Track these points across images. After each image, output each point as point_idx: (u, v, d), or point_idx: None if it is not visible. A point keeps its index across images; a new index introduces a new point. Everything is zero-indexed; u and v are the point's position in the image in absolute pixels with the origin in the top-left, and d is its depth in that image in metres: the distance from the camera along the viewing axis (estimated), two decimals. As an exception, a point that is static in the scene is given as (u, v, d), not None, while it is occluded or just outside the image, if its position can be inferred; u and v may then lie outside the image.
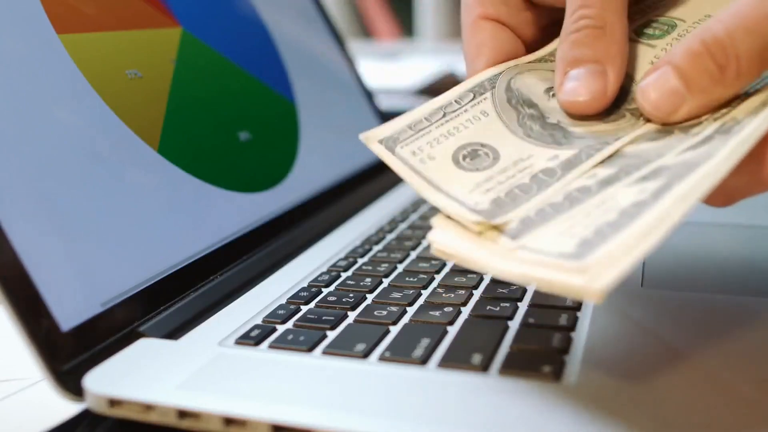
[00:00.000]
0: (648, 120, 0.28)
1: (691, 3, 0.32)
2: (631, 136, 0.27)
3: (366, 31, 1.95)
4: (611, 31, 0.29)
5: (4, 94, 0.31)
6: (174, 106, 0.39)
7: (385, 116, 0.62)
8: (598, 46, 0.29)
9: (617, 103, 0.29)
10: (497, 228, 0.25)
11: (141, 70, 0.38)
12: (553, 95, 0.30)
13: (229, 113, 0.43)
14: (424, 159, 0.28)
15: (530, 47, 0.33)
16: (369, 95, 0.61)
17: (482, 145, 0.28)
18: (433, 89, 1.24)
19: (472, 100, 0.30)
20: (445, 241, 0.25)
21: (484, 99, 0.30)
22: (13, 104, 0.31)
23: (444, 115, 0.30)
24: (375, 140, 0.29)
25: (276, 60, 0.51)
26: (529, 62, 0.32)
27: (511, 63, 0.32)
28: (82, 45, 0.35)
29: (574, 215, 0.24)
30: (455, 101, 0.30)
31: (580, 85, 0.28)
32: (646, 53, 0.31)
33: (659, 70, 0.26)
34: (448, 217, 0.26)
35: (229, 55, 0.46)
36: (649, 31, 0.32)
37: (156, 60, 0.40)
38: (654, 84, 0.27)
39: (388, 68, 1.37)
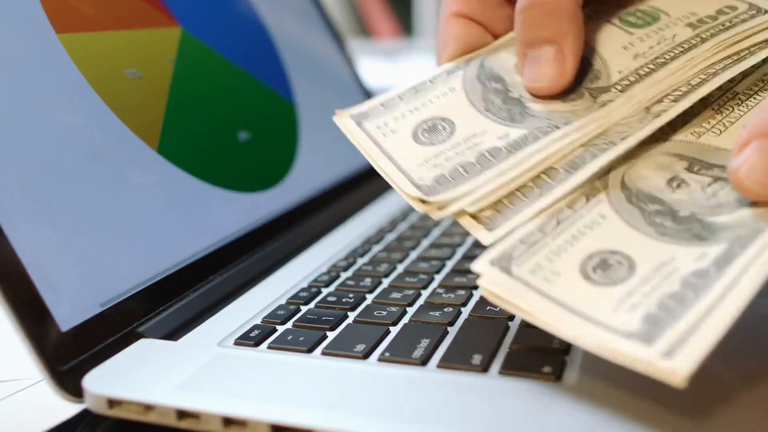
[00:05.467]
0: (602, 104, 0.28)
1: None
2: (579, 124, 0.28)
3: (365, 29, 1.95)
4: (560, 7, 0.29)
5: (3, 94, 0.31)
6: (173, 106, 0.39)
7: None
8: (550, 24, 0.29)
9: (579, 81, 0.29)
10: (431, 206, 0.26)
11: (140, 69, 0.38)
12: None
13: (228, 113, 0.43)
14: (387, 132, 0.29)
15: None
16: (369, 95, 0.61)
17: (442, 119, 0.29)
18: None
19: (445, 78, 0.31)
20: (496, 289, 0.24)
21: (455, 77, 0.31)
22: (12, 104, 0.31)
23: (416, 93, 0.30)
24: (347, 115, 0.29)
25: (275, 60, 0.51)
26: (508, 39, 0.33)
27: (490, 46, 0.33)
28: (82, 45, 0.35)
29: (630, 279, 0.23)
30: (429, 81, 0.31)
31: (540, 70, 0.29)
32: (621, 37, 0.31)
33: (750, 146, 0.24)
34: (491, 262, 0.25)
35: (229, 55, 0.46)
36: (631, 18, 0.32)
37: (155, 60, 0.40)
38: (753, 161, 0.24)
39: (387, 67, 1.37)
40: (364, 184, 0.53)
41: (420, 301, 0.33)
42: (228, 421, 0.25)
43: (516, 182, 0.26)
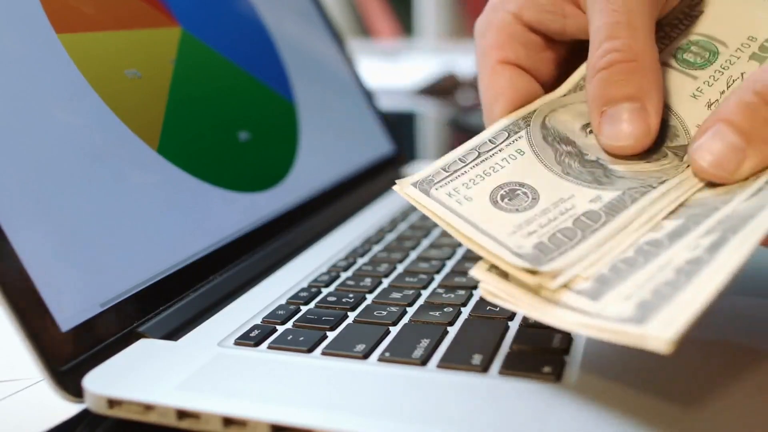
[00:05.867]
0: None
1: (727, 19, 0.31)
2: (676, 181, 0.27)
3: (365, 29, 1.95)
4: (643, 63, 0.27)
5: (3, 94, 0.31)
6: (173, 106, 0.39)
7: (385, 116, 0.62)
8: (632, 81, 0.27)
9: (657, 141, 0.28)
10: (544, 276, 0.24)
11: (140, 69, 0.38)
12: (590, 132, 0.29)
13: (228, 113, 0.43)
14: (461, 200, 0.27)
15: (550, 85, 0.32)
16: (369, 95, 0.61)
17: (520, 185, 0.27)
18: (433, 89, 1.24)
19: (507, 138, 0.29)
20: (502, 293, 0.24)
21: (519, 137, 0.29)
22: (12, 104, 0.31)
23: (479, 155, 0.29)
24: (408, 184, 0.28)
25: (275, 60, 0.51)
26: (561, 96, 0.31)
27: (543, 100, 0.31)
28: (82, 45, 0.35)
29: (643, 275, 0.23)
30: (489, 141, 0.29)
31: (620, 128, 0.27)
32: (686, 84, 0.30)
33: (711, 129, 0.25)
34: (490, 268, 0.25)
35: (229, 55, 0.46)
36: (689, 58, 0.30)
37: (155, 60, 0.40)
38: (709, 144, 0.25)
39: (387, 67, 1.37)
40: (364, 184, 0.53)
41: (420, 301, 0.33)
42: (228, 421, 0.25)
43: (624, 244, 0.25)
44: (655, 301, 0.22)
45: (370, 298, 0.34)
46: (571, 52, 0.33)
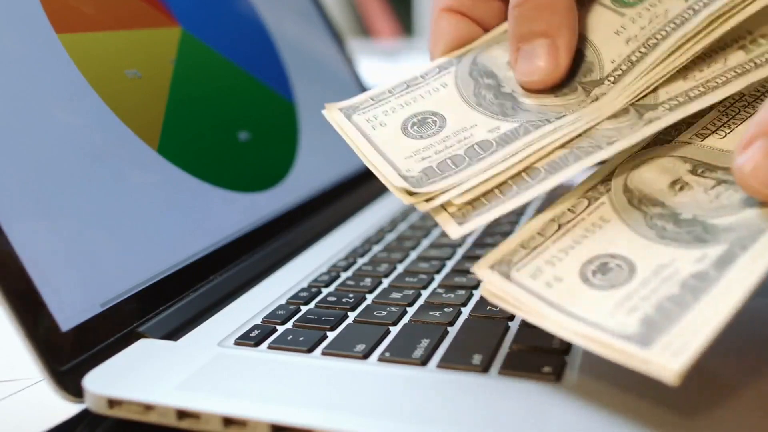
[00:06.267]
0: (594, 99, 0.28)
1: None
2: (573, 117, 0.27)
3: (365, 29, 1.95)
4: (553, 2, 0.29)
5: (3, 94, 0.31)
6: (173, 106, 0.39)
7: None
8: (543, 18, 0.29)
9: (572, 74, 0.29)
10: (418, 198, 0.25)
11: (140, 70, 0.38)
12: None
13: (228, 113, 0.43)
14: (376, 125, 0.28)
15: None
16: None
17: (433, 114, 0.29)
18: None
19: (437, 74, 0.31)
20: (502, 289, 0.24)
21: (448, 72, 0.31)
22: (12, 104, 0.31)
23: (407, 88, 0.30)
24: (336, 108, 0.29)
25: (275, 60, 0.51)
26: (500, 33, 0.32)
27: (483, 38, 0.32)
28: (82, 45, 0.35)
29: (630, 282, 0.23)
30: (420, 76, 0.31)
31: (532, 63, 0.29)
32: (613, 20, 0.30)
33: (755, 144, 0.23)
34: (492, 266, 0.25)
35: (229, 55, 0.46)
36: None
37: (155, 60, 0.40)
38: (757, 159, 0.23)
39: (387, 67, 1.37)
40: (364, 184, 0.53)
41: (420, 301, 0.33)
42: (228, 421, 0.25)
43: (503, 175, 0.26)
44: (660, 320, 0.21)
45: (370, 298, 0.34)
46: None
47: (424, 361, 0.27)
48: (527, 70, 0.29)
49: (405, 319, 0.31)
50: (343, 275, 0.37)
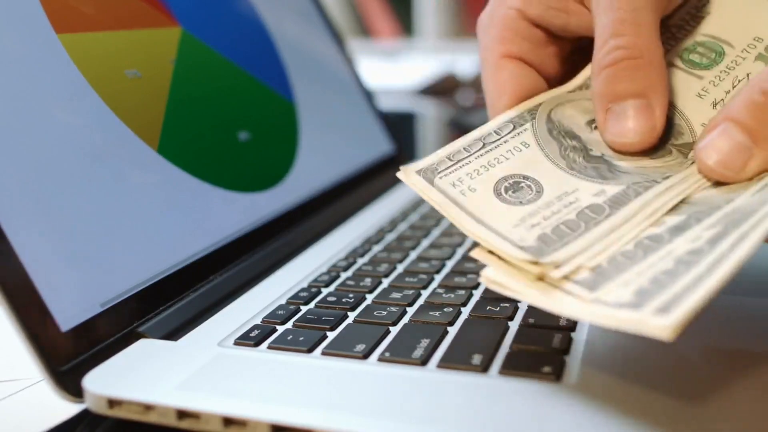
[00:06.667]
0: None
1: (734, 20, 0.31)
2: (680, 177, 0.27)
3: (365, 29, 1.95)
4: (649, 60, 0.27)
5: (3, 94, 0.31)
6: (173, 106, 0.39)
7: (385, 116, 0.62)
8: (637, 78, 0.27)
9: (662, 138, 0.28)
10: (547, 267, 0.24)
11: (140, 70, 0.38)
12: (596, 128, 0.29)
13: (228, 113, 0.43)
14: (465, 191, 0.27)
15: (553, 80, 0.33)
16: (369, 95, 0.61)
17: (525, 177, 0.28)
18: (433, 89, 1.24)
19: (512, 130, 0.30)
20: (503, 280, 0.24)
21: (525, 130, 0.30)
22: (12, 104, 0.31)
23: (483, 146, 0.29)
24: (413, 172, 0.28)
25: (275, 60, 0.51)
26: (567, 92, 0.31)
27: (549, 94, 0.31)
28: (82, 45, 0.35)
29: (644, 266, 0.23)
30: (494, 132, 0.30)
31: (626, 124, 0.27)
32: (692, 84, 0.30)
33: (718, 128, 0.25)
34: (490, 252, 0.25)
35: (229, 55, 0.46)
36: (695, 58, 0.30)
37: (155, 60, 0.40)
38: (716, 142, 0.25)
39: (387, 67, 1.37)
40: (364, 184, 0.53)
41: (420, 301, 0.33)
42: (228, 421, 0.25)
43: (627, 237, 0.25)
44: (653, 288, 0.22)
45: (370, 298, 0.34)
46: (575, 48, 0.33)
47: (424, 361, 0.27)
48: (619, 131, 0.27)
49: (405, 319, 0.31)
50: (343, 275, 0.37)
